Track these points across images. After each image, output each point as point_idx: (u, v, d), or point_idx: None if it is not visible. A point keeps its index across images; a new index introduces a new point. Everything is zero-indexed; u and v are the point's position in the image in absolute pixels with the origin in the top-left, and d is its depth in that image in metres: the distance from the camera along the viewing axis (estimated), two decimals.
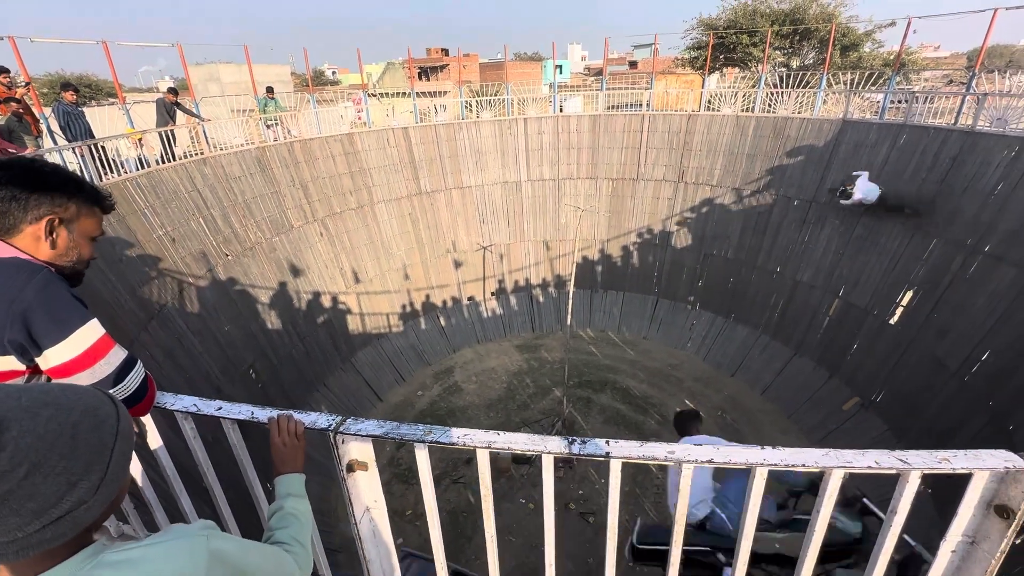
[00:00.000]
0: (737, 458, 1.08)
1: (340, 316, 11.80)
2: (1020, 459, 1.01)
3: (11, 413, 0.68)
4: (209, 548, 0.85)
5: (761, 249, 12.19)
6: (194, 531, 0.87)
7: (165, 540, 0.83)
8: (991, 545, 1.09)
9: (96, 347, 1.26)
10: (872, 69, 15.03)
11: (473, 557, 7.64)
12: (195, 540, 0.85)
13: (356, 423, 1.21)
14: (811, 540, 1.16)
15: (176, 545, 0.83)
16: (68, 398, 0.75)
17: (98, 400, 0.80)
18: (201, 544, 0.85)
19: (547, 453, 1.12)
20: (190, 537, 0.85)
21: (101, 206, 1.43)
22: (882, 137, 10.20)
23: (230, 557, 0.88)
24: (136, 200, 8.03)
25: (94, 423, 0.76)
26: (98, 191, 1.43)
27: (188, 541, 0.84)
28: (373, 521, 1.34)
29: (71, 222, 1.33)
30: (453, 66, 38.46)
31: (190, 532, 0.87)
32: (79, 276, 1.44)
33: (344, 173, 12.31)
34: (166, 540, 0.83)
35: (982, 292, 8.07)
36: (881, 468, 1.04)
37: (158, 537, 0.85)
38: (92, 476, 0.74)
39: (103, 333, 1.30)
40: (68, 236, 1.33)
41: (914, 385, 8.75)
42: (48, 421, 0.70)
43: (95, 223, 1.43)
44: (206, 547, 0.85)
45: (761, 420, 10.36)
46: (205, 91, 24.02)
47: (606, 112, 14.36)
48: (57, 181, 1.30)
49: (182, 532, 0.86)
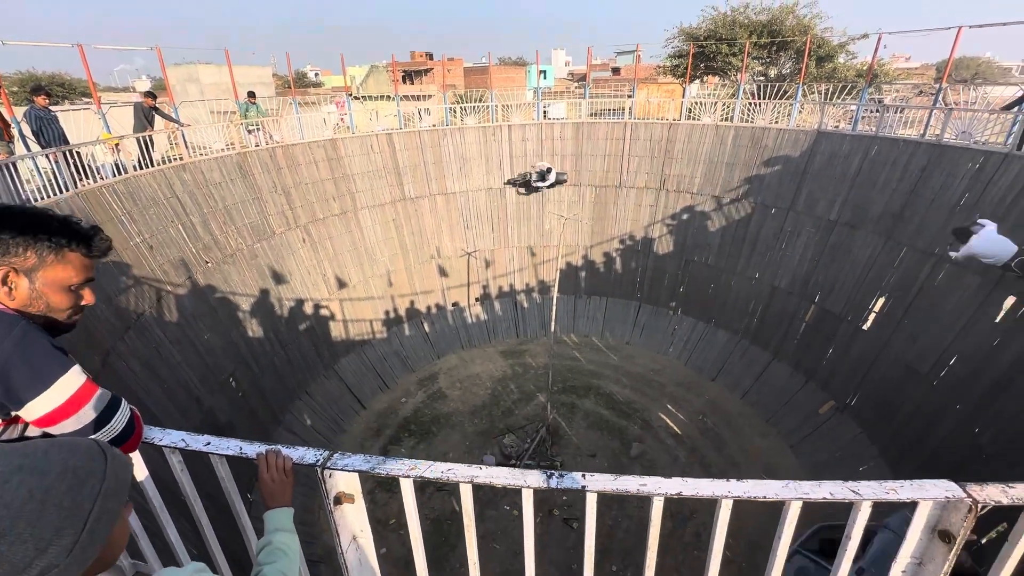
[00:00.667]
0: (704, 490, 1.15)
1: (323, 323, 11.71)
2: (959, 489, 1.10)
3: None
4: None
5: (740, 256, 12.46)
6: (186, 575, 0.90)
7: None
8: (936, 567, 1.18)
9: (79, 394, 1.25)
10: (846, 81, 15.50)
11: (457, 565, 7.65)
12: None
13: (343, 458, 1.25)
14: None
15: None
16: (47, 460, 0.73)
17: (84, 457, 0.77)
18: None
19: (527, 487, 1.18)
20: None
21: (79, 251, 1.27)
22: (855, 148, 10.54)
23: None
24: (113, 207, 7.88)
25: (71, 484, 0.73)
26: (76, 234, 1.27)
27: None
28: (360, 550, 1.38)
29: (32, 271, 1.21)
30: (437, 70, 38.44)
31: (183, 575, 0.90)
32: (62, 326, 1.35)
33: (327, 179, 12.24)
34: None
35: (949, 299, 8.39)
36: (835, 498, 1.13)
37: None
38: (64, 539, 0.71)
39: (85, 379, 1.28)
40: (28, 287, 1.21)
41: (886, 389, 9.04)
42: (18, 487, 0.68)
43: (69, 271, 1.27)
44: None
45: (740, 424, 10.58)
46: (184, 92, 23.60)
47: (589, 120, 14.54)
48: (14, 226, 1.17)
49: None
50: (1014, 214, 7.75)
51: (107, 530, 0.78)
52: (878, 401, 9.12)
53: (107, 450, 0.82)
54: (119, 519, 0.81)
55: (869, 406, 9.29)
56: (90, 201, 7.52)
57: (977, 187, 8.41)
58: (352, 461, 1.24)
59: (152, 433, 1.36)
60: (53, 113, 8.29)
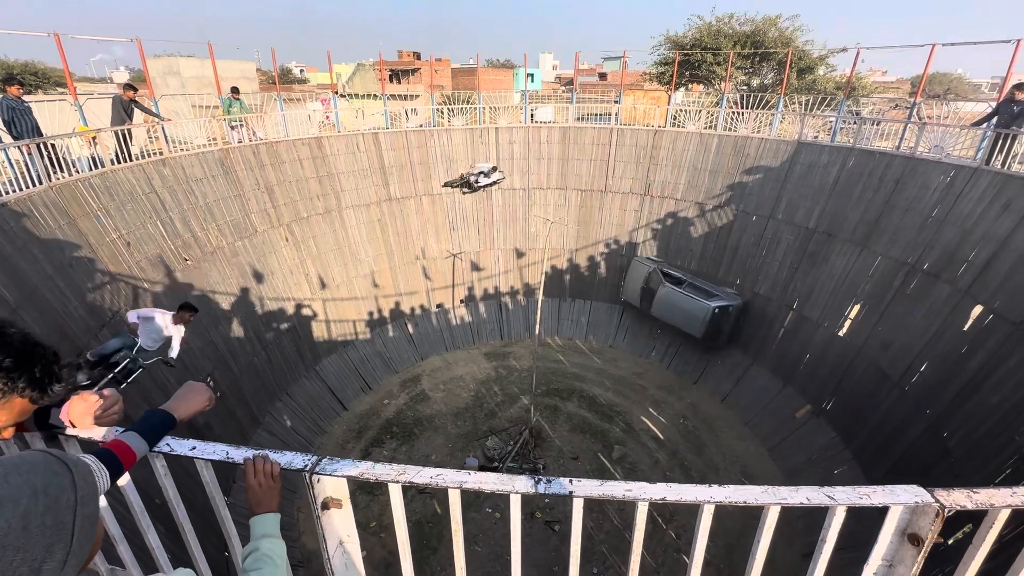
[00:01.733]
0: (687, 495, 1.18)
1: (305, 323, 11.56)
2: (927, 494, 1.15)
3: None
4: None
5: (722, 262, 12.68)
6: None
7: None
8: (905, 569, 1.23)
9: None
10: (825, 93, 15.90)
11: (438, 568, 7.62)
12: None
13: (332, 463, 1.25)
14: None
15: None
16: (12, 486, 0.72)
17: (49, 474, 0.76)
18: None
19: (515, 493, 1.20)
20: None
21: (28, 396, 1.09)
22: (833, 159, 10.82)
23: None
24: (88, 202, 7.67)
25: (47, 504, 0.73)
26: (32, 378, 1.08)
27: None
28: (346, 554, 1.38)
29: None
30: (425, 70, 38.30)
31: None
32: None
33: (312, 177, 12.10)
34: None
35: (921, 307, 8.67)
36: (812, 503, 1.17)
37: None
38: (56, 555, 0.72)
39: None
40: None
41: (860, 394, 9.29)
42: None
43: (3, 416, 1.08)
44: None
45: (720, 427, 10.75)
46: (164, 85, 23.08)
47: (576, 124, 14.65)
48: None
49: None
50: (982, 225, 8.05)
51: (93, 532, 0.80)
52: (852, 405, 9.37)
53: (64, 458, 0.82)
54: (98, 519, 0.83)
55: (844, 410, 9.53)
56: (64, 195, 7.31)
57: (948, 199, 8.72)
58: (340, 466, 1.24)
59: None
60: (26, 104, 8.04)
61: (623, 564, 7.64)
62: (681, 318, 11.99)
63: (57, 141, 7.74)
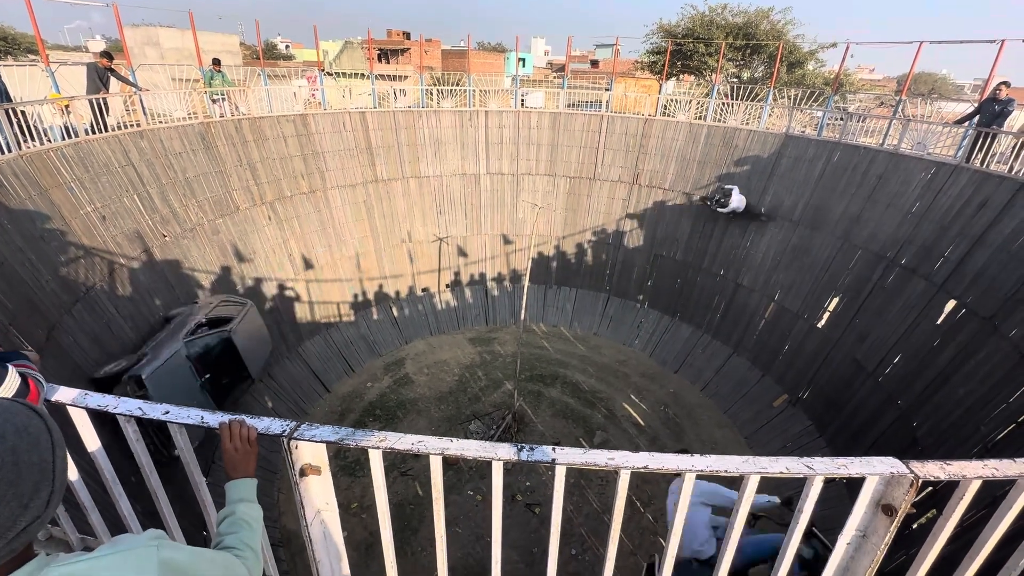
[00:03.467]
0: (669, 464, 1.19)
1: (287, 304, 11.39)
2: (903, 466, 1.17)
3: None
4: (159, 558, 0.84)
5: (707, 253, 12.80)
6: (143, 541, 0.87)
7: (113, 552, 0.83)
8: (878, 539, 1.26)
9: None
10: (814, 87, 16.01)
11: (419, 549, 7.67)
12: (145, 551, 0.84)
13: (310, 428, 1.22)
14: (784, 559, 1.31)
15: (125, 556, 0.82)
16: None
17: (24, 416, 0.78)
18: (151, 554, 0.84)
19: (497, 459, 1.19)
20: (139, 548, 0.85)
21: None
22: (819, 153, 10.94)
23: (180, 567, 0.88)
24: (61, 172, 7.40)
25: (30, 443, 0.75)
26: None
27: (137, 552, 0.84)
28: (324, 523, 1.37)
29: None
30: (414, 50, 37.57)
31: (139, 543, 0.86)
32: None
33: (296, 155, 11.84)
34: (114, 551, 0.83)
35: (897, 301, 8.88)
36: (791, 473, 1.18)
37: (106, 548, 0.84)
38: (42, 493, 0.75)
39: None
40: None
41: (836, 384, 9.52)
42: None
43: None
44: (156, 557, 0.84)
45: (700, 415, 10.95)
46: (142, 56, 22.26)
47: (567, 110, 14.54)
48: None
49: (131, 543, 0.86)
50: (959, 222, 8.24)
51: (66, 476, 0.82)
52: (828, 395, 9.61)
53: (30, 405, 0.83)
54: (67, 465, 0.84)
55: (819, 400, 9.77)
56: (36, 164, 7.03)
57: (928, 195, 8.89)
58: (320, 432, 1.22)
59: (106, 400, 1.29)
60: None
61: (601, 546, 7.78)
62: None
63: (28, 108, 7.43)
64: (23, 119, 7.19)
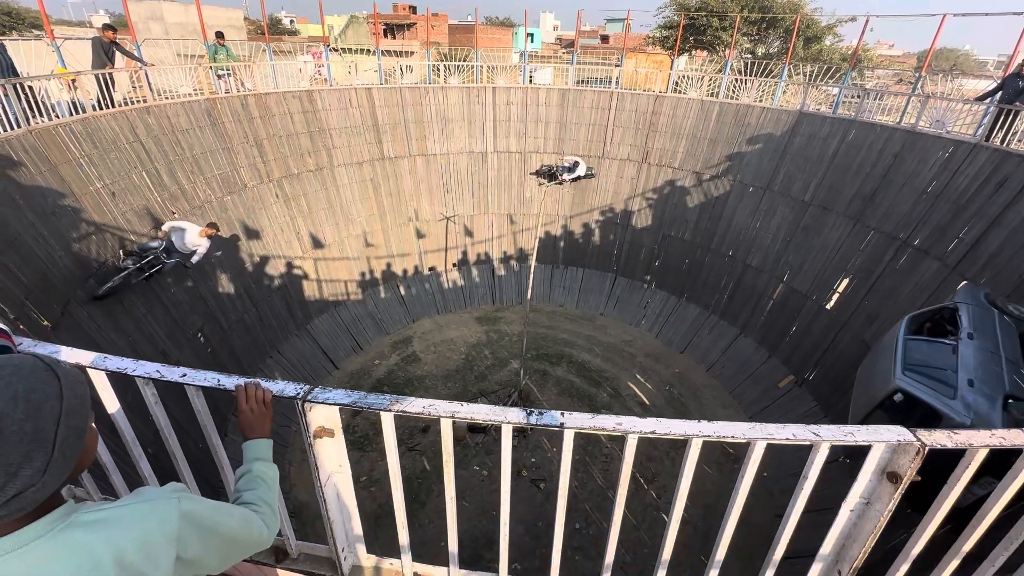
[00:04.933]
0: (677, 429, 1.20)
1: (296, 282, 11.48)
2: (909, 434, 1.18)
3: None
4: (180, 510, 0.88)
5: (716, 233, 12.67)
6: (165, 493, 0.90)
7: (137, 502, 0.87)
8: (881, 506, 1.27)
9: None
10: (830, 63, 15.58)
11: (427, 521, 7.86)
12: (166, 502, 0.88)
13: (324, 392, 1.25)
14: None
15: (148, 507, 0.86)
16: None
17: (32, 382, 0.76)
18: (172, 506, 0.88)
19: (507, 423, 1.21)
20: (161, 499, 0.88)
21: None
22: (834, 131, 10.70)
23: (200, 518, 0.92)
24: (70, 148, 7.42)
25: (26, 411, 0.73)
26: None
27: (159, 503, 0.87)
28: (337, 485, 1.40)
29: None
30: (421, 25, 36.86)
31: (161, 494, 0.90)
32: None
33: (303, 132, 11.76)
34: (138, 502, 0.86)
35: (908, 282, 8.78)
36: (797, 440, 1.19)
37: (130, 498, 0.88)
38: (35, 462, 0.73)
39: None
40: None
41: (842, 365, 9.50)
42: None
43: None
44: (177, 508, 0.88)
45: (705, 395, 11.01)
46: (146, 31, 22.01)
47: (575, 87, 14.28)
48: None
49: (154, 494, 0.90)
50: (976, 202, 8.08)
51: (79, 445, 0.80)
52: (834, 376, 9.60)
53: (55, 366, 0.81)
54: (88, 432, 0.83)
55: (825, 381, 9.77)
56: (44, 140, 7.05)
57: (945, 175, 8.71)
58: (333, 395, 1.25)
59: (125, 363, 1.32)
60: (1, 42, 7.65)
61: (605, 521, 7.93)
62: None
63: (35, 83, 7.40)
64: (31, 95, 7.18)
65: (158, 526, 0.84)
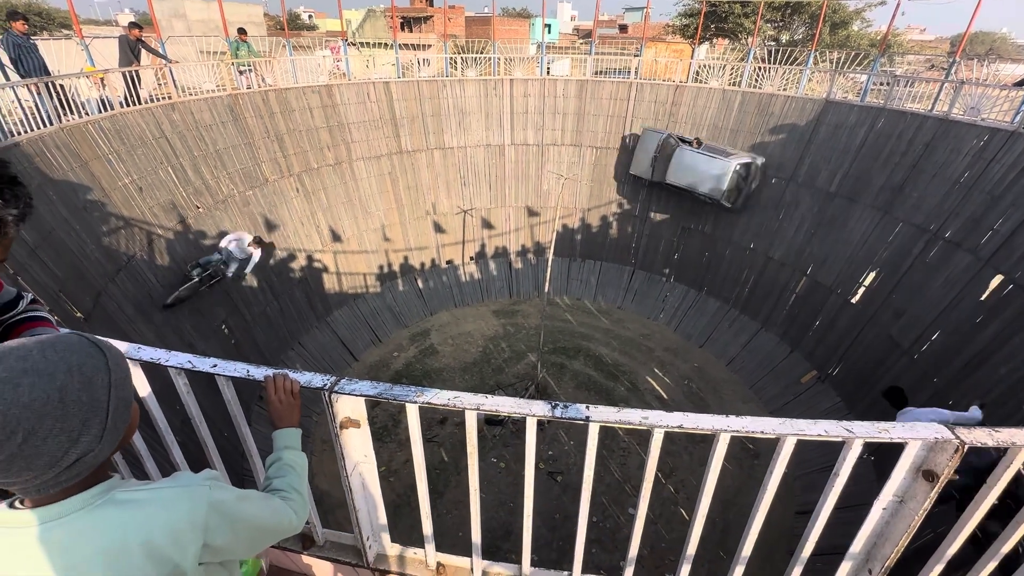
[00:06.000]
0: (704, 424, 1.19)
1: (316, 275, 11.64)
2: (948, 431, 1.14)
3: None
4: (210, 499, 0.91)
5: (737, 225, 12.44)
6: (198, 481, 0.94)
7: (172, 485, 0.90)
8: (916, 504, 1.24)
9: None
10: (858, 50, 15.08)
11: (444, 512, 7.96)
12: (199, 489, 0.91)
13: (350, 383, 1.27)
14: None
15: (179, 493, 0.89)
16: (49, 361, 0.76)
17: (83, 355, 0.80)
18: (203, 494, 0.91)
19: (531, 416, 1.21)
20: (194, 486, 0.92)
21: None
22: (861, 119, 10.38)
23: (229, 507, 0.95)
24: (100, 145, 7.62)
25: (82, 382, 0.78)
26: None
27: (191, 490, 0.91)
28: (362, 475, 1.42)
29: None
30: (437, 18, 36.78)
31: (194, 481, 0.93)
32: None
33: (322, 127, 11.88)
34: (171, 486, 0.90)
35: (939, 276, 8.50)
36: (829, 436, 1.17)
37: (165, 482, 0.91)
38: (92, 430, 0.79)
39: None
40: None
41: (868, 361, 9.27)
42: (31, 389, 0.72)
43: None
44: (207, 497, 0.91)
45: (724, 390, 10.87)
46: (170, 28, 22.42)
47: (594, 78, 14.10)
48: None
49: (187, 480, 0.93)
50: (1013, 192, 7.77)
51: (127, 416, 0.86)
52: (859, 372, 9.38)
53: (99, 343, 0.86)
54: (132, 404, 0.88)
55: (850, 377, 9.56)
56: (75, 137, 7.26)
57: (979, 164, 8.38)
58: (359, 386, 1.26)
59: (158, 354, 1.36)
60: (33, 41, 7.86)
61: (622, 515, 7.93)
62: (700, 179, 11.64)
63: (65, 81, 7.61)
64: (62, 93, 7.38)
65: (187, 513, 0.87)
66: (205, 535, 0.89)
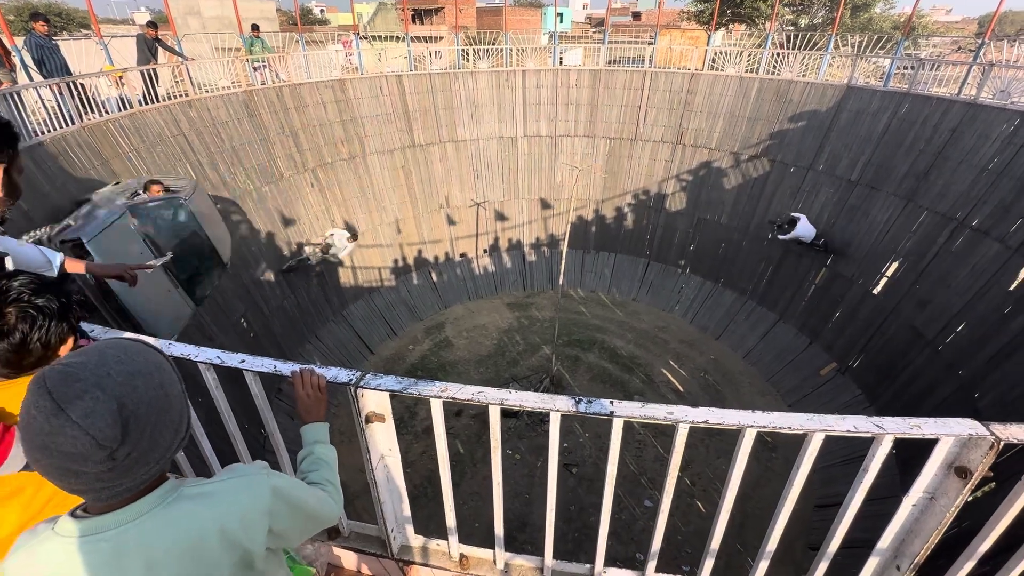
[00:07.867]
0: (730, 419, 1.18)
1: (331, 269, 11.76)
2: (983, 427, 1.12)
3: (116, 390, 0.75)
4: (271, 485, 0.96)
5: (754, 215, 12.24)
6: (255, 470, 0.99)
7: (232, 477, 0.94)
8: (947, 501, 1.21)
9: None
10: (881, 33, 14.63)
11: (460, 503, 8.04)
12: (258, 477, 0.96)
13: (375, 378, 1.28)
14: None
15: (243, 482, 0.94)
16: (140, 362, 0.81)
17: (152, 353, 0.86)
18: (264, 481, 0.96)
19: (555, 411, 1.21)
20: (253, 475, 0.96)
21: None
22: (884, 105, 10.10)
23: (287, 494, 1.00)
24: (120, 143, 7.76)
25: (170, 378, 0.85)
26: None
27: (253, 479, 0.95)
28: (387, 468, 1.45)
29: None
30: (449, 9, 36.57)
31: (253, 470, 0.98)
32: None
33: (335, 121, 11.93)
34: (234, 477, 0.94)
35: (965, 265, 8.28)
36: (859, 432, 1.15)
37: (226, 474, 0.96)
38: (185, 419, 0.87)
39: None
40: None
41: (890, 352, 9.09)
42: (145, 389, 0.78)
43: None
44: (268, 484, 0.96)
45: (741, 382, 10.76)
46: (185, 26, 22.67)
47: (607, 67, 13.92)
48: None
49: (246, 471, 0.98)
50: None
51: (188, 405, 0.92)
52: (880, 364, 9.20)
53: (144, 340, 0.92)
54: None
55: (871, 369, 9.39)
56: (97, 135, 7.40)
57: (1009, 150, 8.11)
58: (384, 381, 1.27)
59: (187, 350, 1.39)
60: (54, 42, 8.01)
61: (637, 507, 7.93)
62: None
63: (86, 81, 7.75)
64: (83, 91, 7.53)
65: (253, 500, 0.92)
66: (270, 520, 0.94)
